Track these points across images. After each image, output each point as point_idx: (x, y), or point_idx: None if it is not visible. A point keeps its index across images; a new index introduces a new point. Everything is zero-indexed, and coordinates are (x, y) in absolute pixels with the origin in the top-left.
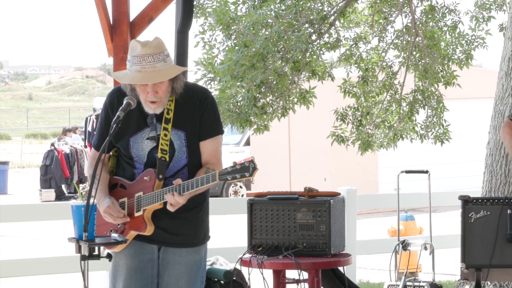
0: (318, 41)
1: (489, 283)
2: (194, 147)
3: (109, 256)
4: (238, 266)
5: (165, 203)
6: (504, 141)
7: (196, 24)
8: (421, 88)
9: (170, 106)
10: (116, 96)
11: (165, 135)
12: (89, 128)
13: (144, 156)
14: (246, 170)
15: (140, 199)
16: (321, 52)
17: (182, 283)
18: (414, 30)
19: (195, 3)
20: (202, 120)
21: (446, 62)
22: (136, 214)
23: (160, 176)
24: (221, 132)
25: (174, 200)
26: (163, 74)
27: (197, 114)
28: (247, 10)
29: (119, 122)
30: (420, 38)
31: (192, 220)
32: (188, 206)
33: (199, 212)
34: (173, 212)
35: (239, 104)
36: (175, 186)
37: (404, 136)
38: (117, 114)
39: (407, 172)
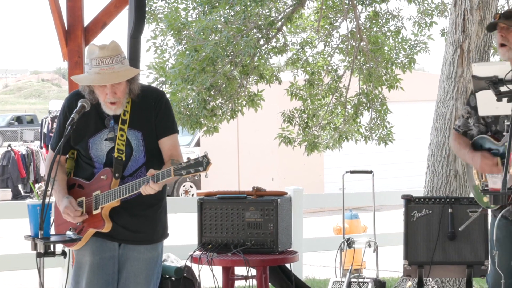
0: (266, 45)
1: (431, 279)
2: (151, 147)
3: (63, 254)
4: (188, 263)
5: (121, 201)
6: (452, 149)
7: (148, 30)
8: (366, 91)
9: (127, 107)
10: (75, 99)
11: (122, 135)
12: (45, 130)
13: (103, 157)
14: (200, 164)
15: (98, 197)
16: (269, 56)
17: (140, 279)
18: (358, 35)
19: (147, 9)
20: (157, 120)
21: (389, 66)
22: (94, 212)
23: (117, 175)
24: (176, 131)
25: (150, 189)
26: (122, 75)
27: (152, 114)
28: (197, 16)
29: (73, 124)
30: (364, 43)
31: (151, 218)
32: (147, 204)
33: (157, 210)
34: (132, 210)
35: (189, 106)
36: (150, 177)
37: (349, 137)
38: (72, 116)
39: (352, 172)
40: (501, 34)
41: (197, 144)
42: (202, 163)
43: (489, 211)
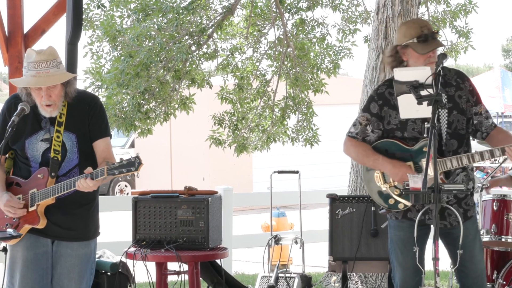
0: (197, 51)
1: (354, 274)
2: (84, 149)
3: (4, 250)
4: (123, 259)
5: (56, 198)
6: (352, 156)
7: (84, 36)
8: (292, 95)
9: (63, 110)
10: (13, 102)
11: (58, 137)
12: None
13: (39, 156)
14: (132, 165)
15: (34, 195)
16: (200, 61)
17: (74, 274)
18: (285, 42)
19: (84, 16)
20: (92, 123)
21: (315, 71)
22: (30, 209)
23: (53, 174)
24: (109, 134)
25: (86, 184)
26: (56, 79)
27: (86, 118)
28: (132, 23)
29: (14, 126)
30: (291, 49)
31: (83, 216)
32: (80, 203)
33: (89, 209)
34: (65, 208)
35: (124, 109)
36: (86, 174)
37: (276, 139)
38: (12, 119)
39: (279, 172)
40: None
41: (132, 145)
42: (134, 164)
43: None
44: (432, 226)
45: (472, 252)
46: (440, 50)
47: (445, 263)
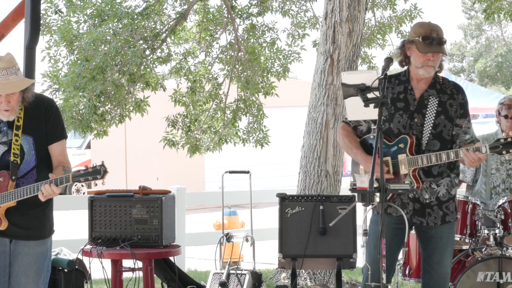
0: (151, 55)
1: (303, 271)
2: (41, 151)
3: None
4: (80, 256)
5: (18, 201)
6: (341, 144)
7: (42, 41)
8: (243, 97)
9: (20, 114)
10: None
11: (16, 140)
12: None
13: None
14: (97, 173)
15: None
16: (154, 65)
17: (31, 272)
18: (237, 46)
19: (42, 22)
20: (48, 126)
21: (265, 74)
22: None
23: (13, 177)
24: (65, 137)
25: (51, 190)
26: (16, 86)
27: (43, 121)
28: (88, 28)
29: None
30: (242, 53)
31: (40, 215)
32: (37, 203)
33: (45, 209)
34: (23, 209)
35: (81, 112)
36: (52, 179)
37: (228, 140)
38: None
39: (231, 172)
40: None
41: (88, 146)
42: (99, 171)
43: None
44: (419, 223)
45: (442, 256)
46: (443, 59)
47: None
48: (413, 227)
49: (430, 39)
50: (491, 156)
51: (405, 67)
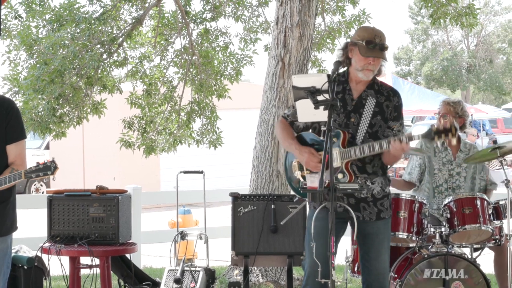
0: (108, 59)
1: (255, 268)
2: (1, 150)
3: None
4: (39, 254)
5: None
6: (277, 135)
7: (3, 45)
8: (197, 100)
9: None
10: None
11: None
12: None
13: None
14: (48, 169)
15: None
16: (111, 69)
17: None
18: (191, 50)
19: (2, 26)
20: (8, 126)
21: (218, 77)
22: None
23: None
24: (24, 137)
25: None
26: None
27: (3, 121)
28: (47, 33)
29: None
30: (196, 57)
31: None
32: None
33: (6, 207)
34: None
35: (40, 114)
36: (3, 177)
37: (182, 141)
38: None
39: (185, 172)
40: (374, 63)
41: (47, 147)
42: (50, 168)
43: (307, 204)
44: (355, 218)
45: (379, 251)
46: (383, 64)
47: (341, 257)
48: (349, 222)
49: (373, 43)
50: (434, 157)
51: (345, 68)
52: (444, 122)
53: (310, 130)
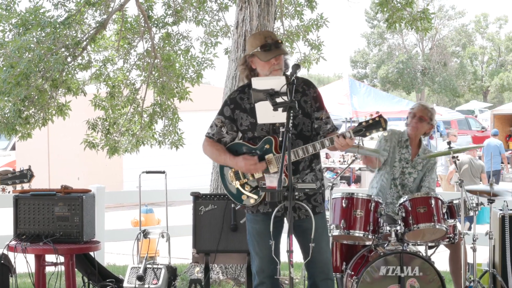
0: (73, 62)
1: (216, 265)
2: None
3: None
4: (5, 251)
5: None
6: (208, 154)
7: None
8: (159, 102)
9: None
10: None
11: None
12: None
13: None
14: (24, 176)
15: None
16: (75, 72)
17: None
18: (153, 54)
19: None
20: None
21: (180, 80)
22: None
23: None
24: None
25: None
26: None
27: None
28: (13, 36)
29: None
30: (158, 60)
31: None
32: None
33: None
34: None
35: (6, 115)
36: None
37: (145, 142)
38: None
39: (147, 172)
40: (279, 62)
41: (13, 148)
42: (26, 175)
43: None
44: (285, 219)
45: (320, 244)
46: (291, 60)
47: (299, 255)
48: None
49: (267, 45)
50: (396, 149)
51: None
52: (372, 116)
53: (238, 139)
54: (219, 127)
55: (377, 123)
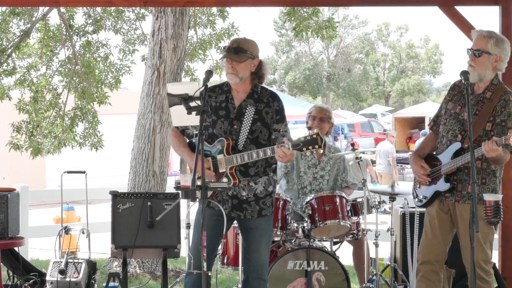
0: None
1: (133, 260)
2: None
3: None
4: None
5: None
6: (171, 143)
7: None
8: (80, 106)
9: None
10: None
11: None
12: None
13: None
14: None
15: None
16: (1, 77)
17: None
18: (74, 60)
19: None
20: None
21: (100, 85)
22: None
23: None
24: None
25: None
26: None
27: None
28: None
29: None
30: (79, 67)
31: None
32: None
33: None
34: None
35: None
36: None
37: (67, 144)
38: None
39: (69, 172)
40: (232, 66)
41: None
42: None
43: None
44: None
45: (259, 245)
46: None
47: None
48: (235, 220)
49: (226, 47)
50: (301, 159)
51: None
52: (311, 133)
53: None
54: None
55: (314, 140)
